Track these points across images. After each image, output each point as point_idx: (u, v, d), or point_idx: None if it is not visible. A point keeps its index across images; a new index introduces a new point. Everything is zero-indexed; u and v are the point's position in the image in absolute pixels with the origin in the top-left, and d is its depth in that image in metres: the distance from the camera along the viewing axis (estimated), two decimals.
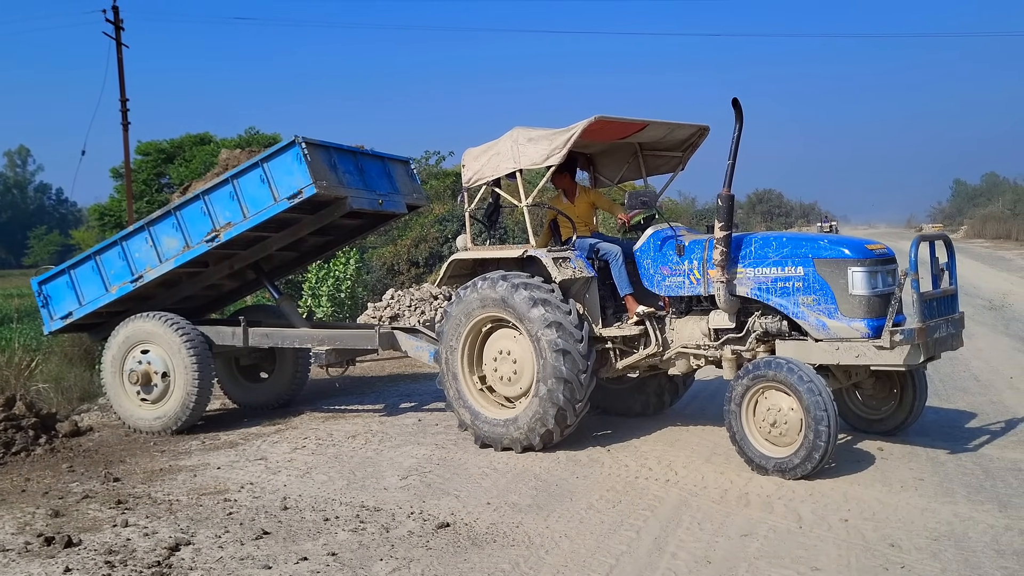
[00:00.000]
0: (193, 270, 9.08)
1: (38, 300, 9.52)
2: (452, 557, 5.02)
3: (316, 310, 18.01)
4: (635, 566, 4.75)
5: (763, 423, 6.29)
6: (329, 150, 8.38)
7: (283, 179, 8.06)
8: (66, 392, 10.86)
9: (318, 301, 18.69)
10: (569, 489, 6.25)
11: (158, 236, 8.68)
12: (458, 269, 7.99)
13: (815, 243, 6.62)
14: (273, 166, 8.11)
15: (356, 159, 8.81)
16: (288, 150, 8.03)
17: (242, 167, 8.33)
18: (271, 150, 8.24)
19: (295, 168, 7.98)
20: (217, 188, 8.42)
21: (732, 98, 6.67)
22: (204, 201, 8.46)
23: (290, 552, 5.21)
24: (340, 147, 8.60)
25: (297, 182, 7.98)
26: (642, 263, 7.43)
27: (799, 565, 4.64)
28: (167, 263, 8.65)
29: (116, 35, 25.68)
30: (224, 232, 8.37)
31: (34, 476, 7.35)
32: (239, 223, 8.32)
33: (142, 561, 5.16)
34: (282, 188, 8.07)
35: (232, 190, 8.31)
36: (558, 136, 7.22)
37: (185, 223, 8.54)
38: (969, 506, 5.47)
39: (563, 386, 7.02)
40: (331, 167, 8.26)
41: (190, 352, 8.67)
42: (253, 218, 8.26)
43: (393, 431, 8.44)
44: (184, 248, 8.57)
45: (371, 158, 9.12)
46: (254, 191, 8.22)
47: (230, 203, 8.32)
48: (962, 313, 6.86)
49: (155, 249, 8.69)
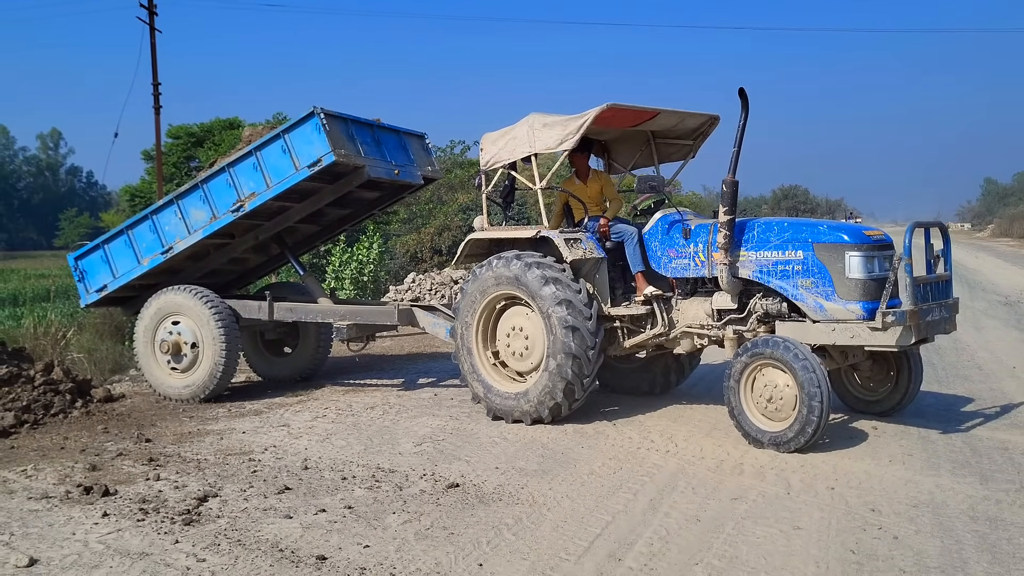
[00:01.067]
0: (220, 241, 9.51)
1: (74, 275, 9.97)
2: (460, 512, 5.38)
3: (340, 292, 18.44)
4: (630, 523, 5.09)
5: (760, 399, 6.60)
6: (347, 121, 8.80)
7: (303, 148, 8.47)
8: (99, 363, 11.32)
9: (341, 284, 19.13)
10: (574, 457, 6.59)
11: (186, 209, 9.12)
12: (475, 248, 8.33)
13: (815, 228, 6.91)
14: (294, 136, 8.53)
15: (373, 131, 9.23)
16: (308, 120, 8.44)
17: (264, 139, 8.76)
18: (291, 121, 8.65)
19: (315, 138, 8.39)
20: (241, 160, 8.85)
21: (739, 88, 6.97)
22: (229, 173, 8.89)
23: (310, 505, 5.59)
24: (357, 119, 9.02)
25: (316, 151, 8.39)
26: (650, 246, 7.74)
27: (782, 524, 4.96)
28: (195, 234, 9.08)
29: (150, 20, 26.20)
30: (248, 202, 8.79)
31: (71, 435, 7.79)
32: (262, 192, 8.74)
33: (173, 509, 5.56)
34: (302, 157, 8.48)
35: (256, 161, 8.73)
36: (572, 122, 7.54)
37: (212, 195, 8.98)
38: (952, 479, 5.76)
39: (572, 361, 7.36)
40: (349, 137, 8.68)
41: (218, 324, 9.09)
42: (276, 187, 8.67)
43: (410, 403, 8.81)
44: (211, 219, 9.00)
45: (387, 131, 9.54)
46: (276, 161, 8.64)
47: (254, 174, 8.75)
48: (957, 298, 7.13)
49: (184, 221, 9.12)
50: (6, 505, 5.73)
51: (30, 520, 5.41)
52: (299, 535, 5.04)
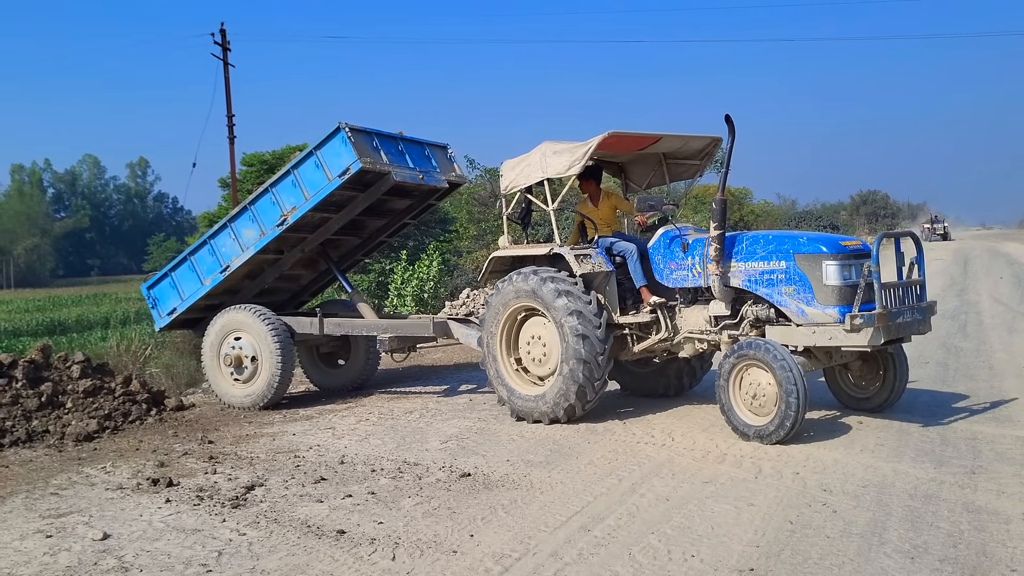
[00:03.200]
0: (272, 257, 10.64)
1: (148, 303, 11.19)
2: (466, 496, 6.20)
3: (401, 308, 19.47)
4: (608, 502, 5.84)
5: (746, 396, 7.28)
6: (371, 135, 9.88)
7: (333, 161, 9.57)
8: (175, 378, 12.53)
9: (403, 300, 20.18)
10: (578, 450, 7.36)
11: (238, 230, 10.27)
12: (498, 265, 9.17)
13: (795, 240, 7.57)
14: (324, 152, 9.64)
15: (396, 143, 10.31)
16: (335, 136, 9.54)
17: (299, 157, 9.91)
18: (321, 139, 9.72)
19: (342, 150, 9.48)
20: (281, 180, 10.03)
21: (725, 115, 7.68)
22: (272, 193, 10.05)
23: (339, 492, 6.48)
24: (381, 132, 10.09)
25: (345, 161, 9.49)
26: (654, 259, 8.47)
27: (739, 502, 5.66)
28: (248, 251, 10.22)
29: (223, 56, 27.89)
30: (291, 215, 9.90)
31: (145, 439, 8.86)
32: (302, 205, 9.84)
33: (224, 496, 6.51)
34: (333, 168, 9.58)
35: (294, 179, 9.88)
36: (578, 149, 8.34)
37: (259, 214, 10.13)
38: (910, 464, 6.35)
39: (583, 366, 8.12)
40: (374, 148, 9.76)
41: (274, 339, 10.11)
42: (313, 198, 9.76)
43: (446, 408, 9.68)
44: (260, 235, 10.13)
45: (410, 142, 10.59)
46: (311, 175, 9.76)
47: (293, 190, 9.89)
48: (933, 301, 7.70)
49: (237, 241, 10.28)
50: (87, 494, 6.77)
51: (106, 506, 6.42)
52: (326, 515, 5.93)
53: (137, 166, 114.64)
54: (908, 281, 7.51)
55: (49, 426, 9.00)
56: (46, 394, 9.42)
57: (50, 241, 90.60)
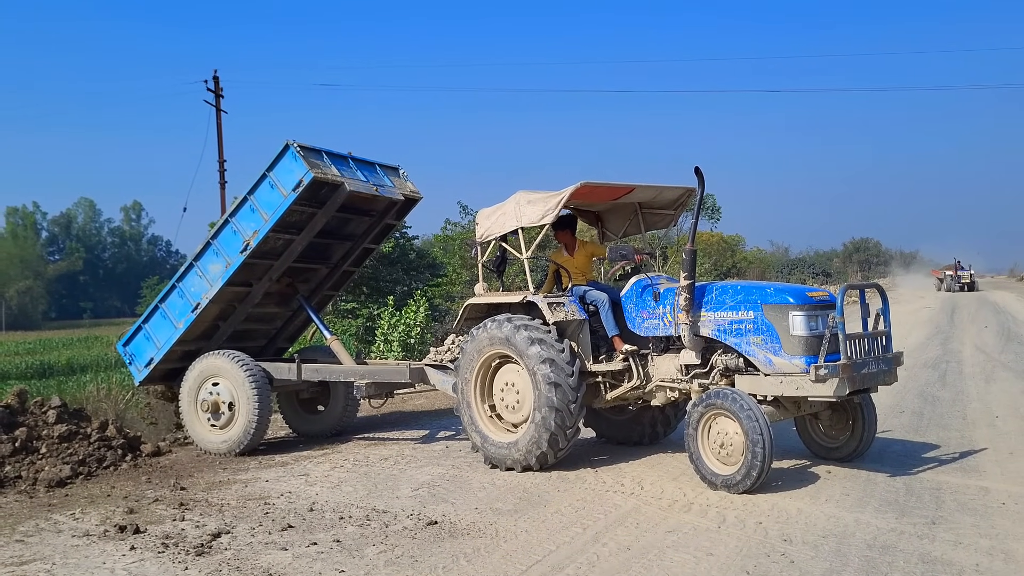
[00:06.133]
0: (242, 290, 10.71)
1: (125, 359, 11.24)
2: (430, 545, 6.21)
3: (388, 354, 19.48)
4: (569, 551, 5.86)
5: (714, 444, 7.32)
6: (320, 152, 10.12)
7: (286, 177, 9.79)
8: (156, 423, 12.52)
9: (390, 346, 20.20)
10: (547, 499, 7.38)
11: (204, 267, 10.40)
12: (473, 312, 9.25)
13: (763, 291, 7.67)
14: (277, 171, 9.85)
15: (347, 161, 10.55)
16: (285, 154, 9.78)
17: (253, 183, 10.08)
18: (271, 161, 9.91)
19: (293, 166, 9.71)
20: (239, 209, 10.20)
21: (695, 167, 7.82)
22: (232, 223, 10.20)
23: (305, 539, 6.48)
24: (331, 152, 10.35)
25: (296, 175, 9.70)
26: (626, 308, 8.56)
27: (699, 552, 5.68)
28: (216, 284, 10.32)
29: (216, 103, 28.21)
30: (253, 239, 10.04)
31: (118, 485, 8.84)
32: (262, 227, 9.98)
33: (190, 543, 6.50)
34: (287, 184, 9.78)
35: (251, 204, 10.06)
36: (552, 199, 8.46)
37: (222, 247, 10.27)
38: (872, 515, 6.39)
39: (555, 414, 8.16)
40: (324, 164, 9.98)
41: (252, 385, 10.14)
42: (272, 217, 9.92)
43: (421, 455, 9.69)
44: (226, 266, 10.25)
45: (361, 162, 10.81)
46: (267, 197, 9.95)
47: (252, 215, 10.06)
48: (900, 352, 7.78)
49: (204, 278, 10.39)
50: (53, 541, 6.76)
51: (70, 553, 6.41)
52: (288, 563, 5.93)
53: (131, 209, 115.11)
54: (874, 332, 7.60)
55: (22, 471, 8.99)
56: (20, 439, 9.41)
57: (43, 283, 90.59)
